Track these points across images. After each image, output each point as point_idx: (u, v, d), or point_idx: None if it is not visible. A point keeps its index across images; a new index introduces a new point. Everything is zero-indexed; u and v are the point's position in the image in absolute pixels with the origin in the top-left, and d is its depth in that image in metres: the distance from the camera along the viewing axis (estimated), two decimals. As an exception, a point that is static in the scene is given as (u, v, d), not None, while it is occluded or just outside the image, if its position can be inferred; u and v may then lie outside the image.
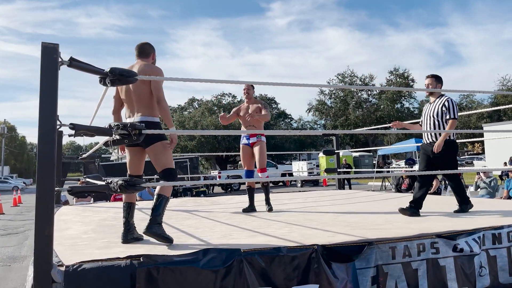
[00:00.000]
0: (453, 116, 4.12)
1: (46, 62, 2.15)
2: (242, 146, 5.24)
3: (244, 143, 5.22)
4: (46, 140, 2.12)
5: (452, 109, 4.14)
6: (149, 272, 2.18)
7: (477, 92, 4.28)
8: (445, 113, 4.15)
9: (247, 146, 5.18)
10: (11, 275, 5.73)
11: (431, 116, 4.24)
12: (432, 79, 4.33)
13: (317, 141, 42.04)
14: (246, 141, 5.18)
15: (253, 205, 5.04)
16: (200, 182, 20.83)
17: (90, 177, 6.35)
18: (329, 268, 2.48)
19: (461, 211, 4.18)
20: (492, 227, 3.05)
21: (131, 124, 2.63)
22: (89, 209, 5.77)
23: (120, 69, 2.54)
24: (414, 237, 2.78)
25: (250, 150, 5.15)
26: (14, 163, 61.60)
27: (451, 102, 4.17)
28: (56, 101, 2.15)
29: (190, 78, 3.06)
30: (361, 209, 4.88)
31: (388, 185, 17.95)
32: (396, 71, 41.78)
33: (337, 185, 8.53)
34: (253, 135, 5.14)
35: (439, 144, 4.08)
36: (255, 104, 5.16)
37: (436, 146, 4.11)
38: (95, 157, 7.23)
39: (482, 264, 2.90)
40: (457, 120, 4.16)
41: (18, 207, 18.55)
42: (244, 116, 5.16)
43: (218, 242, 2.86)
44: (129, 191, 2.51)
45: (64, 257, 2.37)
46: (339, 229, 3.27)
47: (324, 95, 42.68)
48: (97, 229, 3.71)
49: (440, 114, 4.17)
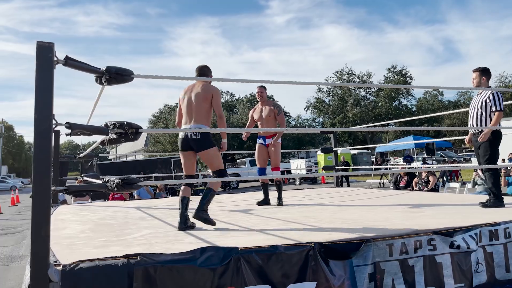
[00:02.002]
0: (499, 108, 4.21)
1: (42, 61, 2.14)
2: (258, 145, 5.55)
3: (260, 143, 5.53)
4: (42, 139, 2.11)
5: (497, 101, 4.21)
6: (146, 271, 2.18)
7: (475, 89, 4.30)
8: (490, 105, 4.24)
9: (263, 146, 5.52)
10: (9, 275, 5.72)
11: (475, 106, 4.36)
12: (477, 73, 4.39)
13: (315, 139, 42.05)
14: (263, 142, 5.50)
15: (267, 199, 5.37)
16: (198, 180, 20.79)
17: (87, 176, 6.33)
18: (326, 266, 2.49)
19: (487, 206, 4.15)
20: (489, 223, 3.06)
21: (127, 123, 2.63)
22: (86, 208, 5.76)
23: (116, 68, 2.53)
24: (411, 234, 2.78)
25: (265, 150, 5.49)
26: (12, 163, 61.49)
27: (496, 94, 4.24)
28: (51, 100, 2.14)
29: (188, 76, 3.07)
30: (358, 206, 4.89)
31: (386, 183, 17.98)
32: (394, 68, 41.80)
33: (335, 182, 8.54)
34: (269, 137, 5.48)
35: (485, 135, 4.21)
36: (268, 106, 5.44)
37: (480, 137, 4.24)
38: (92, 156, 7.21)
39: (479, 260, 2.91)
40: (503, 111, 4.23)
41: (16, 206, 18.52)
42: (260, 119, 5.47)
43: (215, 240, 2.86)
44: (126, 190, 2.51)
45: (61, 256, 2.36)
46: (336, 226, 3.28)
47: (322, 93, 42.67)
48: (94, 228, 3.71)
49: (484, 105, 4.27)
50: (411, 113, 40.81)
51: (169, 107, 45.33)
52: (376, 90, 41.29)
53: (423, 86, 4.21)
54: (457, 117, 40.00)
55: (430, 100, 44.87)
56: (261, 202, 5.31)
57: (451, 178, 18.24)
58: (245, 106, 43.19)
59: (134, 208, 5.53)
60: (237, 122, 37.91)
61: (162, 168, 21.17)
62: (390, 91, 39.57)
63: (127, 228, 3.63)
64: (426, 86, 4.70)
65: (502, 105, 4.23)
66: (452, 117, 39.83)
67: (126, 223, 3.97)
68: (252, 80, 3.28)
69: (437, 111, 39.80)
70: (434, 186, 8.97)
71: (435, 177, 9.21)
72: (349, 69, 41.94)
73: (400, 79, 40.81)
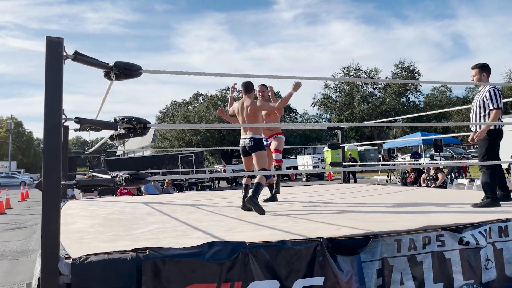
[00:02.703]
0: (496, 106, 4.07)
1: (51, 55, 2.16)
2: None
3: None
4: (51, 134, 2.13)
5: (494, 99, 4.08)
6: (155, 264, 2.19)
7: (483, 84, 4.22)
8: (487, 104, 4.12)
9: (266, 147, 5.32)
10: (19, 269, 5.79)
11: (474, 106, 4.26)
12: (476, 70, 4.27)
13: (322, 135, 41.96)
14: (265, 143, 5.27)
15: (274, 196, 5.30)
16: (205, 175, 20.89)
17: (96, 171, 6.37)
18: (334, 261, 2.49)
19: (478, 205, 3.95)
20: (499, 220, 3.03)
21: (136, 118, 2.64)
22: (95, 203, 5.80)
23: (124, 63, 2.54)
24: (420, 230, 2.77)
25: (268, 150, 5.26)
26: (21, 159, 62.04)
27: (493, 91, 4.11)
28: (61, 95, 2.16)
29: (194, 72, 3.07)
30: (366, 202, 4.87)
31: (394, 179, 17.90)
32: (402, 64, 41.53)
33: (342, 179, 8.52)
34: (270, 136, 5.36)
35: (480, 133, 4.09)
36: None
37: (476, 135, 4.12)
38: (100, 151, 7.25)
39: (488, 257, 2.89)
40: (501, 109, 4.10)
41: (26, 201, 18.73)
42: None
43: (223, 235, 2.87)
44: (134, 184, 2.53)
45: (71, 250, 2.38)
46: (344, 222, 3.27)
47: (329, 89, 42.56)
48: (103, 223, 3.73)
49: (483, 104, 4.15)
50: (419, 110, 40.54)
51: (176, 103, 45.41)
52: (384, 86, 41.06)
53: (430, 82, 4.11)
54: (466, 113, 39.64)
55: (438, 96, 44.56)
56: (268, 200, 5.26)
57: (459, 175, 18.11)
58: (252, 102, 43.02)
59: (142, 203, 5.56)
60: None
61: (169, 164, 21.28)
62: (398, 87, 39.35)
63: (135, 223, 3.66)
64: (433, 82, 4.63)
65: (499, 103, 4.08)
66: (460, 113, 39.51)
67: (134, 218, 4.00)
68: (259, 76, 3.27)
69: (445, 107, 39.52)
70: (442, 182, 8.91)
71: (444, 174, 9.14)
72: (356, 65, 41.82)
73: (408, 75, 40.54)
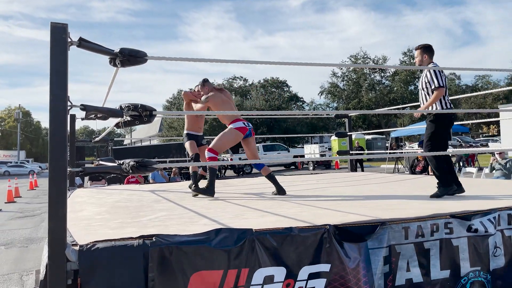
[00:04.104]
0: (437, 85, 3.75)
1: (56, 42, 2.14)
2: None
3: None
4: (57, 121, 2.13)
5: (435, 78, 3.77)
6: (161, 251, 2.20)
7: (493, 70, 4.11)
8: (430, 84, 3.83)
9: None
10: (28, 256, 5.87)
11: (420, 89, 4.00)
12: (418, 51, 3.99)
13: (329, 124, 41.80)
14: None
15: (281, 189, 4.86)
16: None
17: (103, 160, 6.40)
18: (341, 248, 2.48)
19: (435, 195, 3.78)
20: (508, 207, 3.00)
21: (141, 105, 2.63)
22: (103, 192, 5.84)
23: (129, 49, 2.52)
24: (428, 217, 2.75)
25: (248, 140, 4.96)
26: (30, 148, 62.63)
27: (432, 70, 3.78)
28: (66, 82, 2.15)
29: (199, 58, 3.04)
30: (374, 190, 4.85)
31: (401, 168, 17.81)
32: (410, 52, 41.00)
33: (349, 167, 8.49)
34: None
35: (421, 109, 3.83)
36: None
37: (416, 111, 3.86)
38: (107, 140, 7.27)
39: (497, 244, 2.87)
40: (443, 87, 3.75)
41: (35, 190, 18.94)
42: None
43: (230, 222, 2.87)
44: (141, 172, 2.53)
45: (78, 237, 2.40)
46: (351, 209, 3.25)
47: (337, 78, 42.23)
48: (110, 211, 3.75)
49: (425, 85, 3.89)
50: (427, 98, 40.05)
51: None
52: (392, 75, 40.64)
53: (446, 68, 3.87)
54: (475, 101, 39.23)
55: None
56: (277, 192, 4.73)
57: (467, 164, 17.97)
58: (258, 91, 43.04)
59: (149, 191, 5.58)
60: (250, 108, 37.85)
61: (176, 153, 21.33)
62: (406, 75, 38.92)
63: (142, 211, 3.67)
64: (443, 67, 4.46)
65: (440, 81, 3.73)
66: (469, 101, 39.08)
67: (141, 206, 4.02)
68: (265, 62, 3.23)
69: (454, 95, 39.10)
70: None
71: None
72: (364, 53, 41.34)
73: (417, 63, 40.03)
